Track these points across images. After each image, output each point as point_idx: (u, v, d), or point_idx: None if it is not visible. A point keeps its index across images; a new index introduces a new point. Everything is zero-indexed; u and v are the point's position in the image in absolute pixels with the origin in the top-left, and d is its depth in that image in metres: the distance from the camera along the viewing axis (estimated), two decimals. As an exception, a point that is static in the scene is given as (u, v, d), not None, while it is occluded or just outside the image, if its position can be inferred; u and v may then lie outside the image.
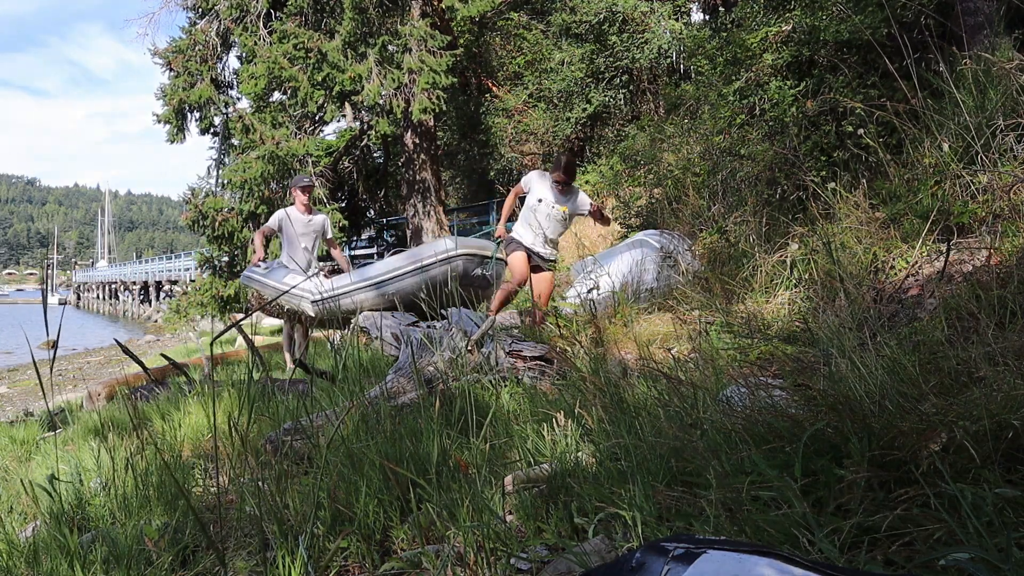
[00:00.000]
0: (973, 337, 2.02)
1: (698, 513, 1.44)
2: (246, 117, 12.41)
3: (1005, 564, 1.03)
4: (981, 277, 2.52)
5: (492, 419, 2.20)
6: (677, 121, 8.81)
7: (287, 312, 6.52)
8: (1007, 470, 1.29)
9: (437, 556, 1.64)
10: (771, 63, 4.86)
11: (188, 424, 3.64)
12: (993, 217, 2.95)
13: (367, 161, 17.33)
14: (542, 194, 5.10)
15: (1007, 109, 3.25)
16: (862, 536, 1.23)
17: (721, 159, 5.36)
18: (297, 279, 6.18)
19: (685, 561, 0.81)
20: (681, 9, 12.76)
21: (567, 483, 1.78)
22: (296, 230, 6.36)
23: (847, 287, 3.00)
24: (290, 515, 1.83)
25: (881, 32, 4.10)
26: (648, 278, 4.75)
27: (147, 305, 36.71)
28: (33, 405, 9.94)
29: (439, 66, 11.35)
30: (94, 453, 2.95)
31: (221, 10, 12.58)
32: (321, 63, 11.52)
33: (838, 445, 1.42)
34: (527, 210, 5.20)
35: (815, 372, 2.04)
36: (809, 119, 4.45)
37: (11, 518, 2.61)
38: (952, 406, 1.45)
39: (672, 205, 6.09)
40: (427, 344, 3.39)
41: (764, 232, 4.18)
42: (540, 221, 5.09)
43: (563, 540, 1.60)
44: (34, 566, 1.99)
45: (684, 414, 1.85)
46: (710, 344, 3.07)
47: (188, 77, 12.70)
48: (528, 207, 5.18)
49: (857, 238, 3.46)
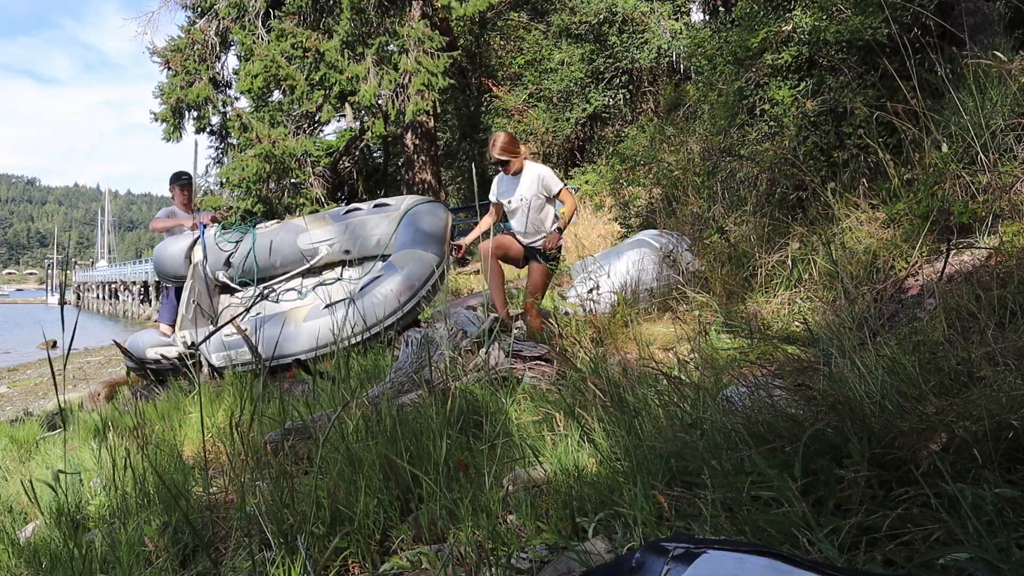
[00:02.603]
0: (973, 337, 2.02)
1: (698, 513, 1.44)
2: (244, 116, 12.43)
3: (1005, 564, 1.03)
4: (981, 277, 2.52)
5: (492, 419, 2.20)
6: (677, 121, 8.82)
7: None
8: (1007, 470, 1.29)
9: (437, 556, 1.64)
10: (771, 63, 4.86)
11: (188, 424, 3.63)
12: (993, 217, 2.95)
13: (367, 161, 17.35)
14: (506, 195, 4.64)
15: (1007, 109, 3.25)
16: (862, 536, 1.23)
17: (721, 159, 5.36)
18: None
19: (685, 561, 0.81)
20: (681, 9, 12.76)
21: (567, 483, 1.78)
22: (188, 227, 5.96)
23: (847, 287, 3.00)
24: (290, 515, 1.83)
25: (881, 32, 4.10)
26: (648, 278, 4.75)
27: (147, 305, 36.68)
28: (33, 405, 9.93)
29: (436, 68, 11.36)
30: (94, 453, 2.95)
31: (220, 9, 12.59)
32: (318, 63, 11.53)
33: (838, 445, 1.42)
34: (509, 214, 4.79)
35: (815, 372, 2.04)
36: (809, 119, 4.45)
37: (11, 518, 2.61)
38: (952, 406, 1.45)
39: (672, 205, 6.09)
40: (428, 344, 3.39)
41: (764, 232, 4.18)
42: (519, 219, 4.62)
43: (563, 540, 1.60)
44: (34, 566, 1.99)
45: (684, 414, 1.85)
46: (710, 344, 3.07)
47: (186, 76, 12.71)
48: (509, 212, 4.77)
49: (857, 238, 3.46)
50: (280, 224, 5.68)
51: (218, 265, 5.55)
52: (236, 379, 3.89)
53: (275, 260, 5.52)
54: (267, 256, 5.49)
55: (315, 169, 13.42)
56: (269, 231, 5.58)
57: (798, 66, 4.74)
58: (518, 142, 4.64)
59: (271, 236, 5.52)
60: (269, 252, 5.47)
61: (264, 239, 5.50)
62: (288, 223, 5.66)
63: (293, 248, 5.45)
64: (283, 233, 5.51)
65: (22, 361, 18.04)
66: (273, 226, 5.64)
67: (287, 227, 5.57)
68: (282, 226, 5.60)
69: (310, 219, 5.60)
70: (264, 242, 5.48)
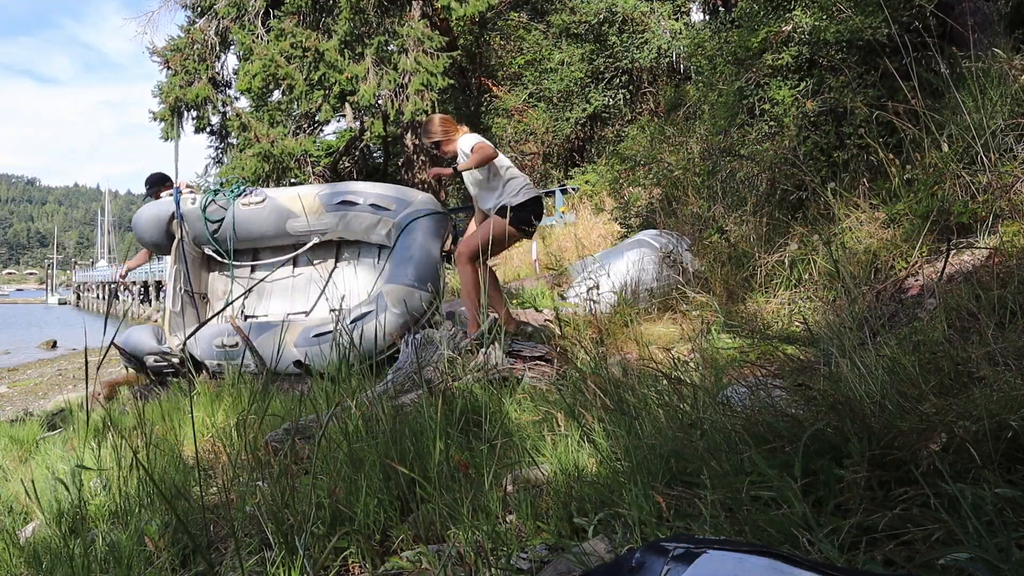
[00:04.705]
0: (973, 337, 2.03)
1: (698, 513, 1.44)
2: (244, 115, 12.44)
3: (1005, 564, 1.03)
4: (981, 277, 2.52)
5: (492, 419, 2.20)
6: (677, 121, 8.82)
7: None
8: (1007, 470, 1.29)
9: (437, 556, 1.64)
10: (771, 63, 4.86)
11: (188, 424, 3.63)
12: (993, 217, 2.95)
13: (367, 161, 17.35)
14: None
15: (1007, 109, 3.25)
16: (862, 536, 1.23)
17: (721, 159, 5.36)
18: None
19: (685, 561, 0.81)
20: (681, 9, 12.76)
21: (567, 483, 1.78)
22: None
23: (847, 287, 3.00)
24: (290, 515, 1.83)
25: (881, 32, 4.10)
26: (648, 278, 4.75)
27: (147, 305, 36.68)
28: (33, 405, 9.94)
29: (435, 68, 11.38)
30: (94, 453, 2.95)
31: (220, 9, 12.60)
32: (318, 62, 11.54)
33: (838, 445, 1.42)
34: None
35: (815, 372, 2.05)
36: (809, 119, 4.45)
37: (11, 518, 2.61)
38: (952, 406, 1.45)
39: (672, 205, 6.09)
40: (428, 344, 3.39)
41: (764, 232, 4.18)
42: (480, 198, 4.33)
43: (563, 540, 1.60)
44: (34, 566, 1.99)
45: (684, 414, 1.85)
46: (710, 344, 3.08)
47: (186, 75, 12.73)
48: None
49: (857, 238, 3.46)
50: (267, 202, 5.28)
51: (203, 238, 5.35)
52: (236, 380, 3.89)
53: (262, 239, 5.34)
54: (252, 234, 5.27)
55: (315, 169, 13.42)
56: (254, 208, 5.27)
57: (798, 66, 4.74)
58: (450, 121, 4.35)
59: (257, 213, 5.25)
60: (255, 229, 5.25)
61: (249, 216, 5.25)
62: (276, 203, 5.24)
63: (282, 231, 5.21)
64: (270, 214, 5.24)
65: (22, 361, 18.04)
66: (258, 202, 5.27)
67: (275, 209, 5.22)
68: (270, 206, 5.25)
69: (302, 197, 5.24)
70: (250, 219, 5.25)
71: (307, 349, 4.54)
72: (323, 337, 4.49)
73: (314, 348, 4.51)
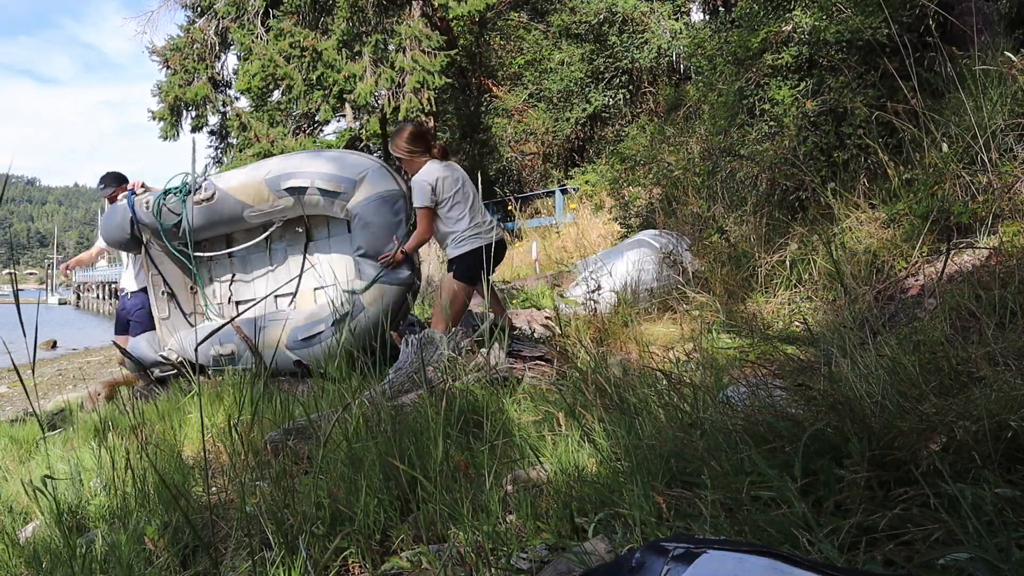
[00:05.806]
0: (973, 337, 2.03)
1: (698, 513, 1.44)
2: (243, 115, 12.45)
3: (1005, 564, 1.03)
4: (981, 277, 2.52)
5: (492, 419, 2.20)
6: (677, 121, 8.82)
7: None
8: (1007, 470, 1.29)
9: (437, 556, 1.64)
10: (771, 63, 4.86)
11: (188, 424, 3.63)
12: (993, 217, 2.95)
13: (367, 161, 17.33)
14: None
15: (1007, 109, 3.25)
16: (862, 536, 1.23)
17: (721, 159, 5.36)
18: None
19: (685, 561, 0.82)
20: (681, 9, 12.77)
21: (567, 483, 1.78)
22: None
23: (847, 287, 3.00)
24: (290, 515, 1.83)
25: (881, 32, 4.10)
26: (648, 278, 4.75)
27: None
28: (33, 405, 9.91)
29: (432, 66, 11.37)
30: (94, 453, 2.95)
31: (219, 8, 12.60)
32: (316, 62, 11.54)
33: (838, 445, 1.42)
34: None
35: (815, 372, 2.05)
36: (809, 119, 4.45)
37: (11, 518, 2.61)
38: (952, 406, 1.45)
39: (672, 205, 6.09)
40: (428, 344, 3.39)
41: (764, 232, 4.18)
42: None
43: (563, 540, 1.60)
44: (34, 566, 1.99)
45: (684, 414, 1.85)
46: (710, 344, 3.08)
47: (185, 75, 12.74)
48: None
49: (857, 238, 3.46)
50: (218, 196, 5.00)
51: (172, 237, 5.20)
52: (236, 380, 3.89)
53: (228, 228, 5.22)
54: (216, 229, 5.16)
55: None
56: (207, 206, 5.03)
57: (798, 66, 4.74)
58: (421, 140, 3.87)
59: (212, 210, 5.03)
60: (215, 223, 5.06)
61: (205, 213, 5.05)
62: (227, 196, 4.97)
63: (242, 221, 5.11)
64: (224, 208, 5.00)
65: (22, 361, 18.01)
66: (208, 198, 5.02)
67: (228, 202, 4.98)
68: (222, 200, 4.99)
69: (248, 186, 4.95)
70: (207, 215, 5.04)
71: (296, 352, 4.55)
72: (313, 339, 4.50)
73: (303, 351, 4.51)
